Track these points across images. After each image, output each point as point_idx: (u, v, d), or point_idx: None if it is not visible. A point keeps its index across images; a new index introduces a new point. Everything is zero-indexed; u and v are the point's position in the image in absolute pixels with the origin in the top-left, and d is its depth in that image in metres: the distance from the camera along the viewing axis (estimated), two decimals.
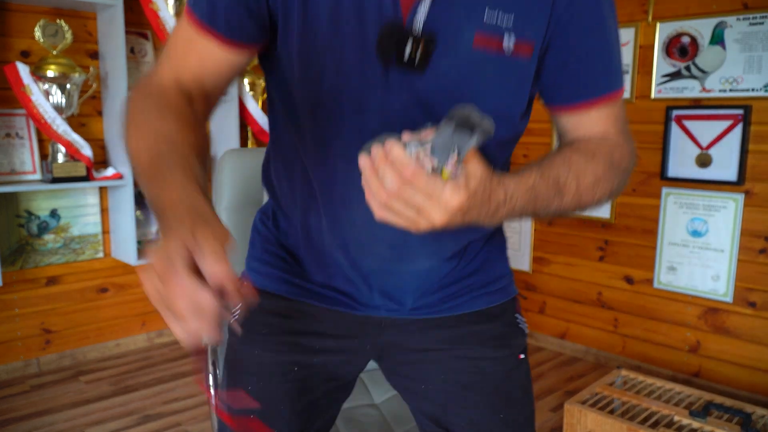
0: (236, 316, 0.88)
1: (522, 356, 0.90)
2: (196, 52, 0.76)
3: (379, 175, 0.59)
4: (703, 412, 1.87)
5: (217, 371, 0.99)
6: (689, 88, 2.53)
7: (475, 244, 0.89)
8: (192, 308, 0.53)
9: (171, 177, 0.63)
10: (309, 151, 0.79)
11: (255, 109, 3.01)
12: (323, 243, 0.84)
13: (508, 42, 0.72)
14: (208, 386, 0.87)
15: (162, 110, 0.71)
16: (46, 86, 2.36)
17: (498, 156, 0.82)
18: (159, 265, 0.54)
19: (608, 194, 0.76)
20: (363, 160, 0.61)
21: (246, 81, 3.04)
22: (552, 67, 0.76)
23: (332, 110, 0.74)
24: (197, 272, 0.55)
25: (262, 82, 3.10)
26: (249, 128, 3.06)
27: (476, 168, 0.61)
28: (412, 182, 0.58)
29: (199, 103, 0.76)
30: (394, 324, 0.89)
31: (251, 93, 3.04)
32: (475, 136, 0.59)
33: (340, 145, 0.76)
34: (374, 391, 1.38)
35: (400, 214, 0.61)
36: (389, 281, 0.85)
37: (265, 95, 3.15)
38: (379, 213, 0.62)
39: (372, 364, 1.43)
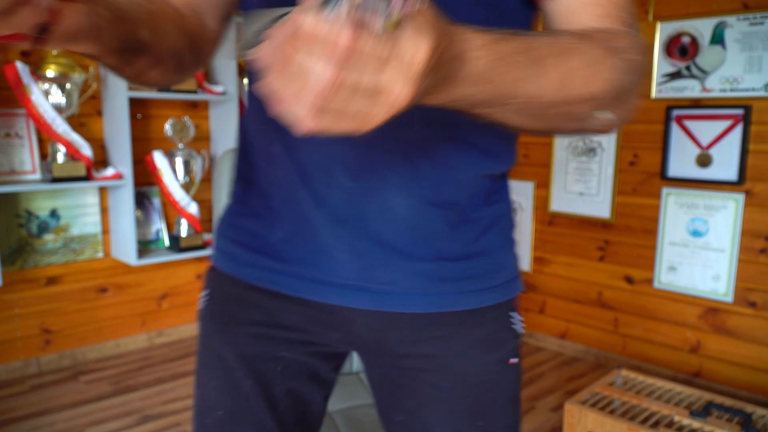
0: (202, 304, 0.81)
1: (513, 360, 0.78)
2: None
3: (297, 67, 0.38)
4: (704, 412, 1.86)
5: None
6: (689, 88, 2.53)
7: (473, 223, 0.72)
8: None
9: None
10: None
11: None
12: (286, 176, 0.70)
13: None
14: None
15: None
16: (46, 86, 2.36)
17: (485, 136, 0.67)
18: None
19: (609, 86, 0.54)
20: (266, 48, 0.39)
21: (246, 81, 3.04)
22: None
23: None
24: None
25: None
26: None
27: (430, 17, 0.40)
28: (356, 52, 0.37)
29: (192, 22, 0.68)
30: (365, 317, 0.73)
31: None
32: None
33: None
34: None
35: (343, 110, 0.39)
36: (360, 232, 0.68)
37: None
38: (310, 123, 0.40)
39: None
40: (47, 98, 2.36)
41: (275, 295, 0.75)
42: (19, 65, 2.30)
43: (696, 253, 2.57)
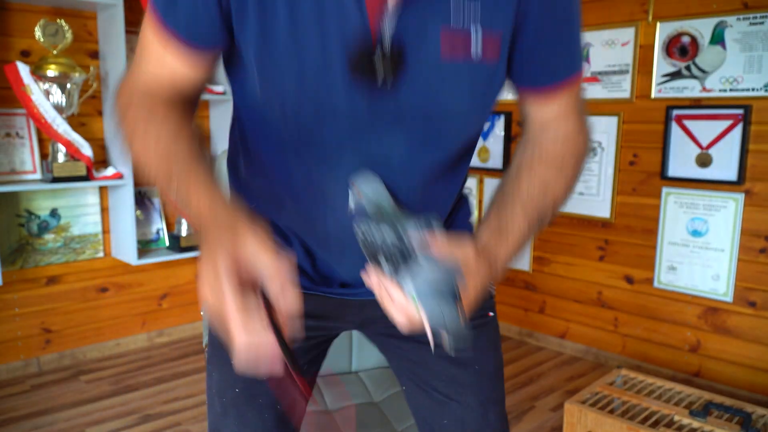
0: None
1: (491, 314, 0.97)
2: (166, 66, 0.75)
3: (387, 305, 0.68)
4: (703, 411, 1.87)
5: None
6: (689, 88, 2.53)
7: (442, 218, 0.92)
8: (251, 347, 0.57)
9: (193, 178, 0.66)
10: (271, 156, 0.80)
11: None
12: (304, 215, 0.85)
13: (476, 43, 0.70)
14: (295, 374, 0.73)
15: (156, 112, 0.73)
16: (47, 86, 2.36)
17: (462, 166, 0.87)
18: (211, 283, 0.58)
19: (570, 193, 0.83)
20: (371, 279, 0.69)
21: None
22: (521, 50, 0.76)
23: (295, 119, 0.73)
24: (246, 281, 0.59)
25: None
26: None
27: (474, 269, 0.70)
28: (416, 324, 0.67)
29: (183, 103, 0.78)
30: (372, 303, 0.83)
31: None
32: (454, 275, 0.65)
33: (306, 152, 0.76)
34: (374, 390, 1.38)
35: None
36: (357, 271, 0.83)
37: None
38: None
39: (370, 367, 1.42)
40: (48, 98, 2.37)
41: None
42: (20, 65, 2.30)
43: (696, 252, 2.57)
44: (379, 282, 0.68)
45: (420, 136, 0.74)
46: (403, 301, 0.66)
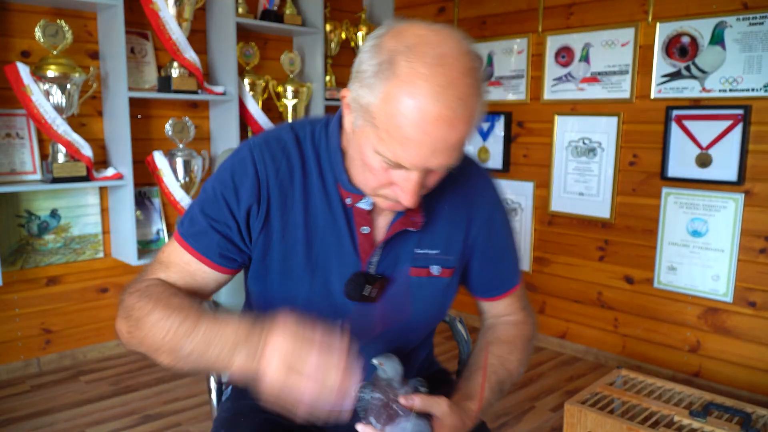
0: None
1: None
2: (189, 272, 0.94)
3: None
4: (703, 412, 1.87)
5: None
6: (689, 88, 2.53)
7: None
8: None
9: (218, 319, 0.81)
10: None
11: (255, 108, 3.01)
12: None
13: (435, 271, 0.99)
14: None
15: (168, 294, 0.87)
16: (47, 86, 2.36)
17: (426, 342, 1.12)
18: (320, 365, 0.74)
19: (526, 361, 1.06)
20: (365, 429, 0.84)
21: (246, 81, 3.04)
22: (472, 271, 1.05)
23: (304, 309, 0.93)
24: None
25: (262, 82, 3.10)
26: (249, 128, 3.06)
27: (450, 423, 0.87)
28: None
29: (199, 298, 0.96)
30: None
31: (251, 93, 3.04)
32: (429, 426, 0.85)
33: None
34: None
35: None
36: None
37: (265, 95, 3.16)
38: None
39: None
40: (48, 98, 2.37)
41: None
42: (20, 65, 2.30)
43: (696, 253, 2.58)
44: None
45: (396, 332, 0.99)
46: None
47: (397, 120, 0.75)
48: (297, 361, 0.73)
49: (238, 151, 0.94)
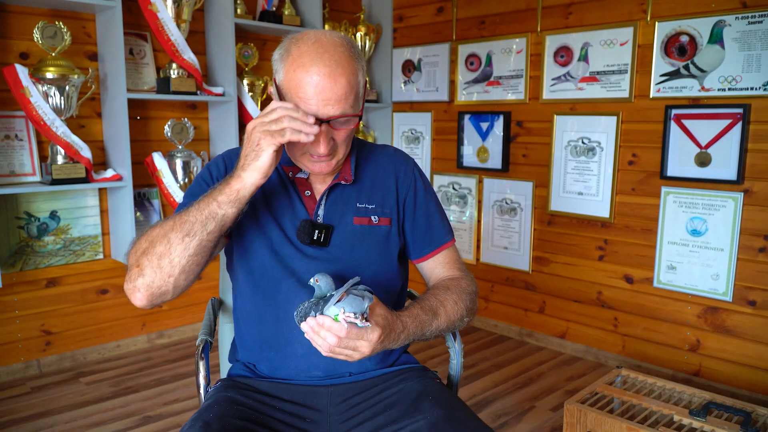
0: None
1: (437, 380, 1.24)
2: None
3: (321, 336, 0.95)
4: (703, 411, 1.87)
5: None
6: (688, 87, 2.53)
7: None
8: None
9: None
10: (259, 301, 1.17)
11: (254, 108, 3.01)
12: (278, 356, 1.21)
13: (375, 219, 1.21)
14: None
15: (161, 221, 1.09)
16: (45, 88, 2.36)
17: (387, 299, 1.22)
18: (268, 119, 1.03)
19: (466, 310, 1.20)
20: (305, 327, 0.96)
21: (245, 82, 3.04)
22: (407, 232, 1.26)
23: (272, 274, 1.15)
24: None
25: (261, 83, 3.10)
26: None
27: (381, 312, 1.01)
28: (346, 337, 0.94)
29: None
30: (338, 388, 1.18)
31: (250, 94, 3.04)
32: (367, 299, 0.97)
33: (281, 296, 1.15)
34: None
35: (339, 354, 0.97)
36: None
37: (263, 96, 3.16)
38: (325, 354, 0.98)
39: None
40: (47, 100, 2.37)
41: (271, 381, 1.21)
42: (19, 67, 2.30)
43: (695, 252, 2.57)
44: (310, 325, 0.95)
45: (350, 274, 1.14)
46: (328, 322, 0.93)
47: (293, 83, 1.04)
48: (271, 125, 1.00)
49: (216, 157, 1.25)
